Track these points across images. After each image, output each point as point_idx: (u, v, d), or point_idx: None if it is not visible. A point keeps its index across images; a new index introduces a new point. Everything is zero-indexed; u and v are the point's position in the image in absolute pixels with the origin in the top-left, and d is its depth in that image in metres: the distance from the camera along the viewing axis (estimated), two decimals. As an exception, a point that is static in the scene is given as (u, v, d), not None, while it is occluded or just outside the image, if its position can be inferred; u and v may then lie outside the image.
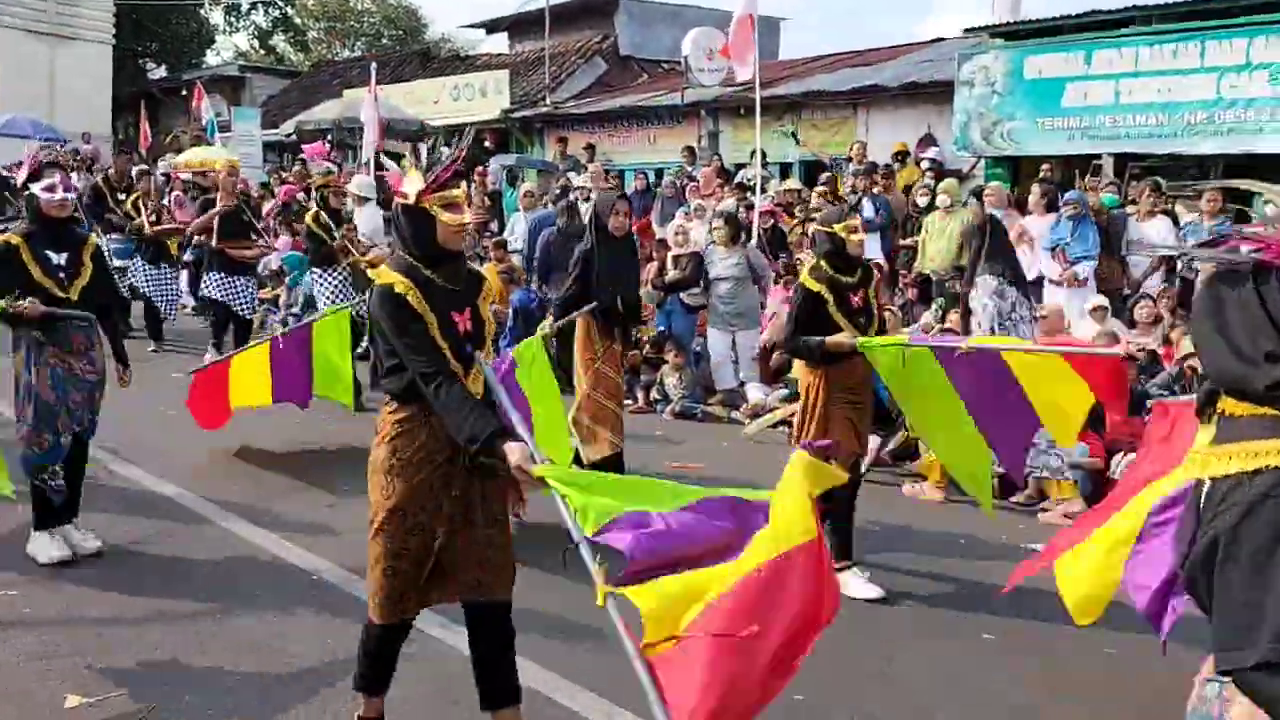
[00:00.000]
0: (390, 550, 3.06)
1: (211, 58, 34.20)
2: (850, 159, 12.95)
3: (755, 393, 8.89)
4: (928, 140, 13.26)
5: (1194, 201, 9.15)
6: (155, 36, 30.34)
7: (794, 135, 14.55)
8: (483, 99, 19.85)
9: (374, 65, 17.78)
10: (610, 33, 21.50)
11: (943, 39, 16.67)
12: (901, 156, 12.99)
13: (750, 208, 11.34)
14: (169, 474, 6.40)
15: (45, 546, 4.88)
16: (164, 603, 4.51)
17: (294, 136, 21.44)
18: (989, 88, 12.01)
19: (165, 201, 11.94)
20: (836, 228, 4.94)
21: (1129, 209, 9.67)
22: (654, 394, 9.31)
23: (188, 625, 4.30)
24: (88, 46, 26.13)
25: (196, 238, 11.17)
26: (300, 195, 16.37)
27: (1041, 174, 10.99)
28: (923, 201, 10.71)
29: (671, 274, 9.87)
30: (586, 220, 5.98)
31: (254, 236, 10.71)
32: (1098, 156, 11.43)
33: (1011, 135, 11.94)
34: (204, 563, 5.03)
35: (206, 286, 10.05)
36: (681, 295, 9.87)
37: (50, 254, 4.76)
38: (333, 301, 8.64)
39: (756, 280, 9.56)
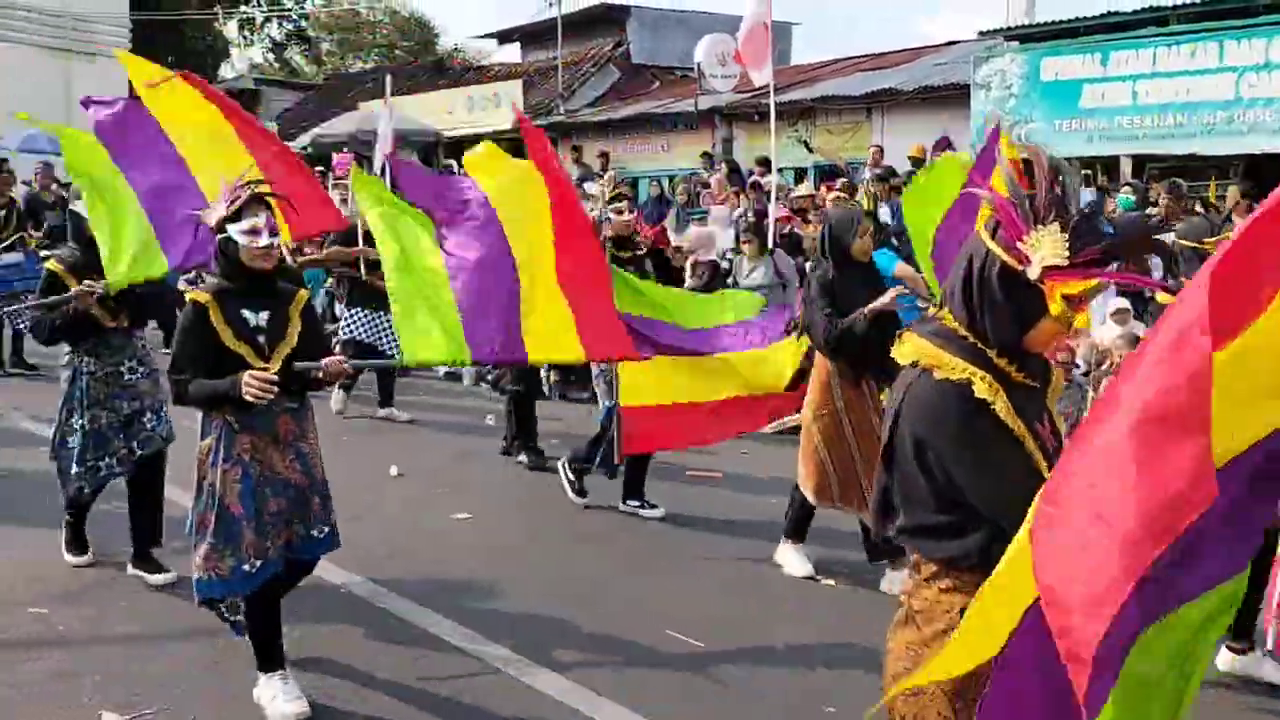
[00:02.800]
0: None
1: (226, 71, 34.43)
2: (866, 164, 12.94)
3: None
4: (944, 143, 13.22)
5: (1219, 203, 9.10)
6: (171, 50, 30.52)
7: (805, 143, 14.53)
8: (496, 109, 19.90)
9: (389, 77, 17.84)
10: (623, 41, 21.55)
11: (957, 41, 16.64)
12: (918, 161, 12.95)
13: (762, 213, 11.33)
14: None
15: (270, 690, 3.71)
16: (194, 618, 4.51)
17: (310, 149, 21.55)
18: (1005, 90, 11.98)
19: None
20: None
21: (1149, 210, 9.62)
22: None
23: (219, 639, 4.31)
24: (104, 62, 26.28)
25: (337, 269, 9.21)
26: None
27: (1060, 176, 10.92)
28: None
29: (689, 281, 9.86)
30: (820, 240, 5.04)
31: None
32: (1116, 158, 11.39)
33: (1029, 138, 11.88)
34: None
35: (350, 326, 8.45)
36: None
37: (247, 313, 3.70)
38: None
39: (784, 286, 9.47)
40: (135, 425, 4.89)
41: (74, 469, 4.83)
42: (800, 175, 14.95)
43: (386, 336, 8.23)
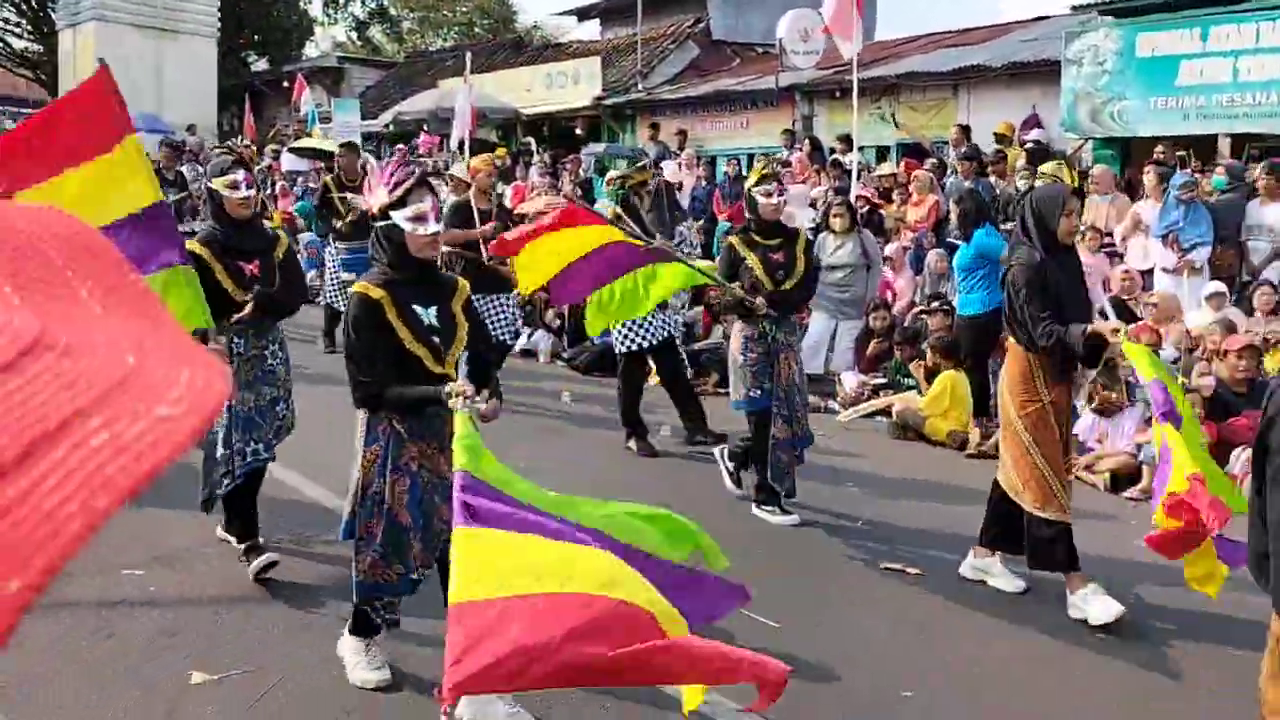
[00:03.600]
0: None
1: (310, 49, 35.01)
2: (949, 142, 12.68)
3: (851, 380, 8.76)
4: (1032, 121, 12.90)
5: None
6: (257, 29, 31.13)
7: (893, 119, 14.24)
8: (575, 86, 19.92)
9: (469, 55, 17.98)
10: (703, 16, 21.37)
11: (1046, 17, 16.17)
12: (1005, 138, 12.65)
13: (843, 192, 11.17)
14: (320, 477, 6.14)
15: (356, 653, 3.78)
16: (284, 588, 4.63)
17: (391, 127, 21.85)
18: (1098, 66, 11.61)
19: (269, 192, 12.15)
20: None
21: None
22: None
23: (305, 607, 4.41)
24: (193, 41, 26.95)
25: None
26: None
27: (1156, 156, 10.57)
28: (1022, 185, 10.40)
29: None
30: (1020, 221, 4.58)
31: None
32: (1213, 137, 10.98)
33: (1122, 115, 11.53)
34: (326, 554, 5.02)
35: None
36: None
37: (418, 309, 3.52)
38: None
39: (869, 267, 9.30)
40: (274, 411, 4.74)
41: (220, 451, 4.62)
42: (883, 154, 14.72)
43: (501, 322, 7.97)
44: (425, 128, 19.86)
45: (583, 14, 26.15)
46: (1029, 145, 11.93)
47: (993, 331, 7.59)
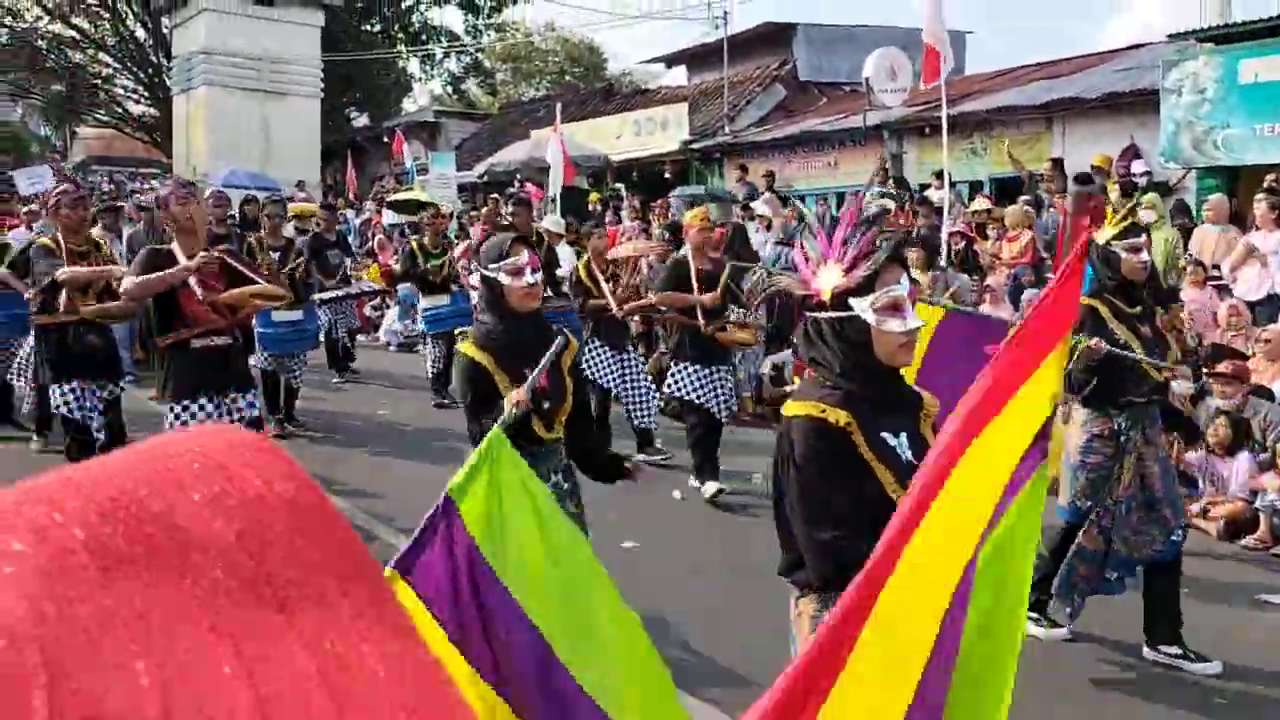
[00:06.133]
0: None
1: (408, 104, 36.15)
2: (1042, 177, 12.42)
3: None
4: (1131, 152, 12.58)
5: None
6: (358, 87, 32.29)
7: (1009, 153, 13.69)
8: (663, 132, 20.16)
9: (559, 105, 18.35)
10: (789, 58, 21.45)
11: (1141, 45, 15.80)
12: (1102, 171, 12.35)
13: (935, 229, 11.03)
14: (380, 512, 6.58)
15: None
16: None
17: (485, 178, 22.39)
18: (1199, 95, 11.29)
19: (369, 246, 12.48)
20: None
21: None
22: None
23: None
24: (298, 101, 28.09)
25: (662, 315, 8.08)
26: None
27: (1268, 184, 10.19)
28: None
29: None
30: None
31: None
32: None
33: (1226, 144, 11.16)
34: None
35: (677, 383, 7.15)
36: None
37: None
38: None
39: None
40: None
41: None
42: (975, 188, 14.50)
43: (718, 395, 7.09)
44: (518, 177, 20.30)
45: (670, 61, 26.50)
46: (1130, 179, 11.65)
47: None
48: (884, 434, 2.35)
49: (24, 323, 7.48)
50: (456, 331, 9.18)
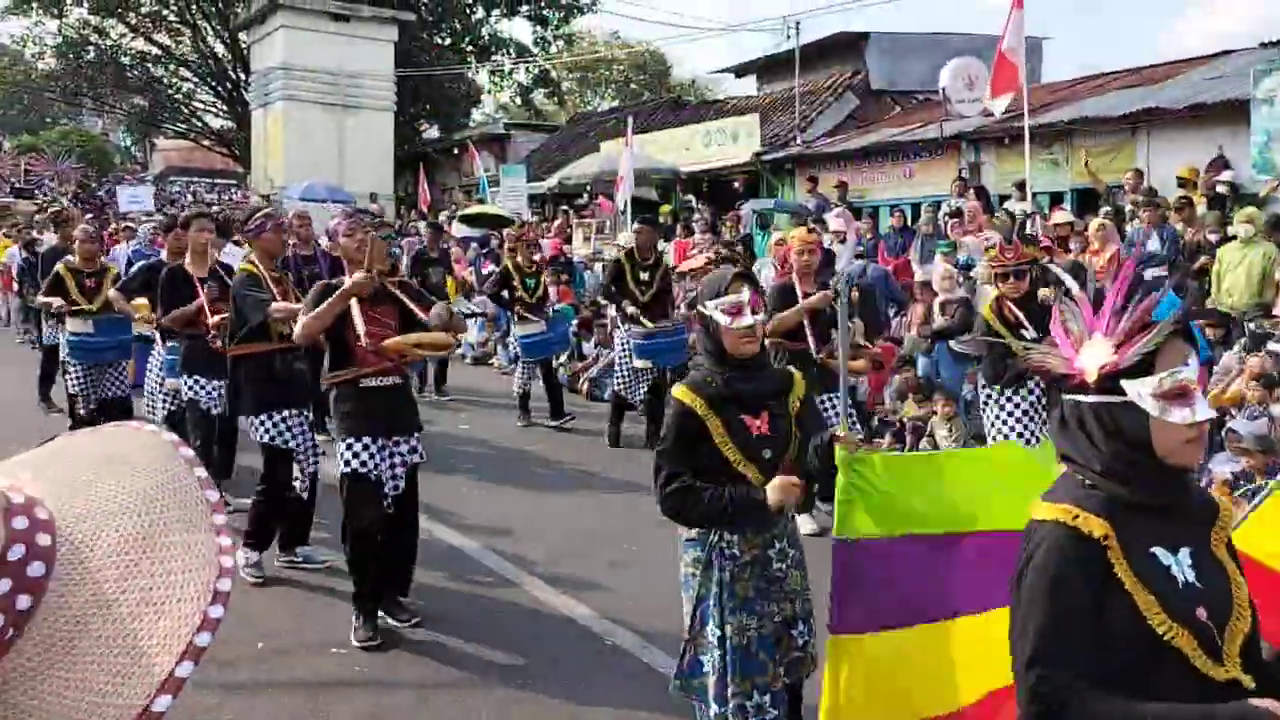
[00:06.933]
0: None
1: (477, 115, 36.57)
2: (1124, 188, 12.15)
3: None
4: (1219, 164, 12.25)
5: None
6: (429, 100, 32.75)
7: (1086, 165, 13.44)
8: (734, 143, 20.10)
9: (630, 118, 18.42)
10: (860, 67, 21.27)
11: (1229, 52, 15.40)
12: (1189, 182, 12.06)
13: (1078, 265, 10.81)
14: (471, 533, 6.79)
15: None
16: (478, 666, 4.80)
17: (556, 189, 22.56)
18: (1293, 105, 10.97)
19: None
20: None
21: None
22: (924, 444, 9.05)
23: (500, 689, 4.55)
24: (372, 114, 28.58)
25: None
26: (565, 247, 17.20)
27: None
28: (1213, 237, 9.91)
29: (939, 321, 9.60)
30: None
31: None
32: None
33: (1318, 157, 10.84)
34: (507, 625, 5.28)
35: None
36: (950, 343, 9.56)
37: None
38: None
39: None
40: (785, 640, 3.23)
41: (714, 709, 3.15)
42: (1057, 198, 14.24)
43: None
44: (589, 189, 20.44)
45: (740, 71, 26.41)
46: (1216, 190, 11.37)
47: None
48: (1156, 548, 1.94)
49: (129, 348, 7.70)
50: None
